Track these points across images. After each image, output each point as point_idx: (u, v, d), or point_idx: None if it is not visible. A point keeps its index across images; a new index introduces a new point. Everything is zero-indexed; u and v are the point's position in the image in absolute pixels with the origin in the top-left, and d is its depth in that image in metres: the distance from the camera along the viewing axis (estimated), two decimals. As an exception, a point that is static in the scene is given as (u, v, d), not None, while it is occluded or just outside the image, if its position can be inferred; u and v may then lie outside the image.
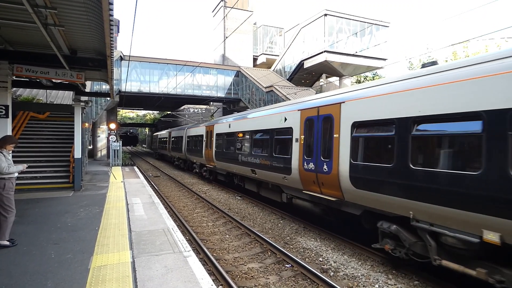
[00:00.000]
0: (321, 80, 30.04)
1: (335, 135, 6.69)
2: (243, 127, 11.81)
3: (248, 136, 11.28)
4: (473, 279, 4.31)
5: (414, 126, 4.95)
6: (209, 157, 15.61)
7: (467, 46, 24.24)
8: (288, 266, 5.87)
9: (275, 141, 9.30)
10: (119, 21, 34.03)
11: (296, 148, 8.12)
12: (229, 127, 13.20)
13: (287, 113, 8.72)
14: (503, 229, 3.84)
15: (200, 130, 17.85)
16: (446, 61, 24.34)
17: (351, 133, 6.22)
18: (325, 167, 6.92)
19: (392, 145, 5.29)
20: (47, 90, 17.66)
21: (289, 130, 8.48)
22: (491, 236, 3.95)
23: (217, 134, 14.67)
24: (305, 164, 7.68)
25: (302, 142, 7.90)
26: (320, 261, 6.14)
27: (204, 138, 16.74)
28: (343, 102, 6.57)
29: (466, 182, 4.16)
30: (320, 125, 7.27)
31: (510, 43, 22.93)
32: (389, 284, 5.11)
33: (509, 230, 3.78)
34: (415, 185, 4.81)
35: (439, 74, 4.79)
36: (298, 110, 8.21)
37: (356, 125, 6.17)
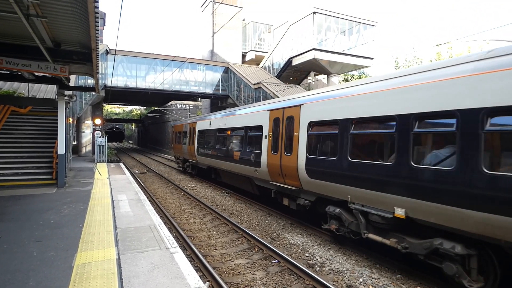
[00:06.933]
0: (309, 77, 30.21)
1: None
2: None
3: None
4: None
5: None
6: None
7: (451, 47, 24.88)
8: (275, 261, 5.93)
9: None
10: (105, 14, 33.22)
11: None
12: None
13: None
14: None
15: None
16: (430, 61, 24.95)
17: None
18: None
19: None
20: (29, 84, 17.10)
21: None
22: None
23: None
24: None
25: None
26: (307, 256, 6.23)
27: None
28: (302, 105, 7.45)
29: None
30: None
31: (491, 45, 23.75)
32: (373, 278, 5.23)
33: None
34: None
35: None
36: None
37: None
